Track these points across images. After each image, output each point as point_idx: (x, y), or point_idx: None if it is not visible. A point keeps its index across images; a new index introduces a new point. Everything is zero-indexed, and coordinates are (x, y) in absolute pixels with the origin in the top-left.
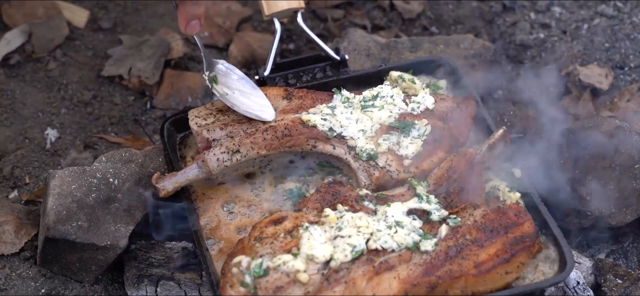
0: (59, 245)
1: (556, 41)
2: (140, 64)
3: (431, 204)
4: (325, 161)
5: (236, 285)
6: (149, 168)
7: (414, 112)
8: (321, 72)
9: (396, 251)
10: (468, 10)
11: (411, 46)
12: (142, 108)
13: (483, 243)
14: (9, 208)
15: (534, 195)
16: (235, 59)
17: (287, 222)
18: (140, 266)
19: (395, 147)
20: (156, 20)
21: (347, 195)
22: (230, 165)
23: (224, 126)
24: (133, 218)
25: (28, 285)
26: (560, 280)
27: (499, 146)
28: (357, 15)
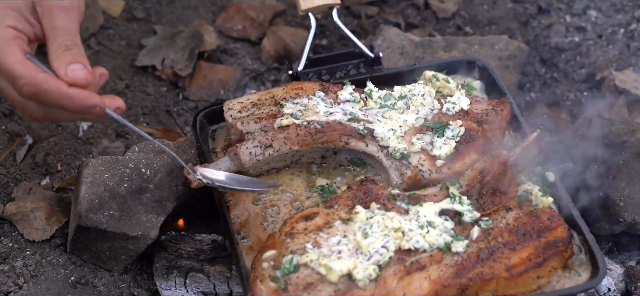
0: (90, 233)
1: (591, 45)
2: (173, 55)
3: (464, 205)
4: (357, 158)
5: (266, 280)
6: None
7: (448, 112)
8: (355, 69)
9: (427, 251)
10: (503, 11)
11: (445, 45)
12: (174, 99)
13: (515, 246)
14: (40, 195)
15: (567, 200)
16: (268, 53)
17: (318, 218)
18: (169, 258)
19: (428, 146)
20: (190, 12)
21: (379, 194)
22: (262, 159)
23: (259, 119)
24: (164, 209)
25: (58, 272)
26: (592, 286)
27: (533, 149)
28: (391, 13)
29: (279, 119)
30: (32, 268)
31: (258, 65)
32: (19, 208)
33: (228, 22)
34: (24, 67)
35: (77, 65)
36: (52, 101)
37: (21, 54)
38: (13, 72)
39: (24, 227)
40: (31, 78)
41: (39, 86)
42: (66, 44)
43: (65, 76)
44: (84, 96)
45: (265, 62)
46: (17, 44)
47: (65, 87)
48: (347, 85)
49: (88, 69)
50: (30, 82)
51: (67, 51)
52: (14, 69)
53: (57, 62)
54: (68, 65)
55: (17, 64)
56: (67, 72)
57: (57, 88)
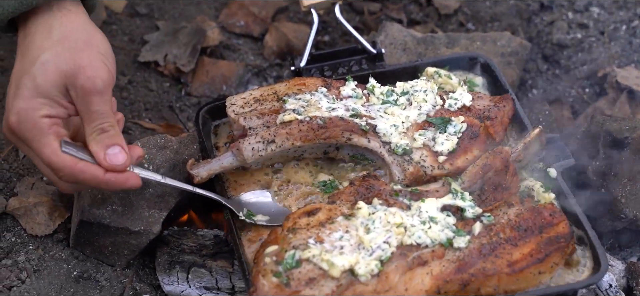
0: (93, 228)
1: (593, 42)
2: (176, 51)
3: (466, 201)
4: (358, 154)
5: (268, 275)
6: (183, 155)
7: (451, 108)
8: (357, 65)
9: (429, 247)
10: (505, 8)
11: (448, 42)
12: (177, 95)
13: (517, 242)
14: (43, 190)
15: (569, 196)
16: (270, 49)
17: (320, 214)
18: (172, 253)
19: (430, 142)
20: (193, 8)
21: (382, 189)
22: (264, 154)
23: (261, 115)
24: (167, 205)
25: (60, 266)
26: (593, 281)
27: (535, 145)
28: (394, 9)
29: (281, 115)
30: (34, 263)
31: (260, 61)
32: (21, 203)
33: (230, 18)
34: (60, 159)
35: (116, 149)
36: (90, 186)
37: (57, 146)
38: (51, 164)
39: (27, 222)
40: (69, 170)
41: (77, 177)
42: (102, 127)
43: (105, 162)
44: (122, 181)
45: (268, 58)
46: (53, 133)
47: (102, 173)
48: (350, 81)
49: (125, 150)
50: (68, 174)
51: (103, 134)
52: (51, 161)
53: (95, 145)
54: (106, 149)
55: (53, 156)
56: (107, 157)
57: (95, 177)
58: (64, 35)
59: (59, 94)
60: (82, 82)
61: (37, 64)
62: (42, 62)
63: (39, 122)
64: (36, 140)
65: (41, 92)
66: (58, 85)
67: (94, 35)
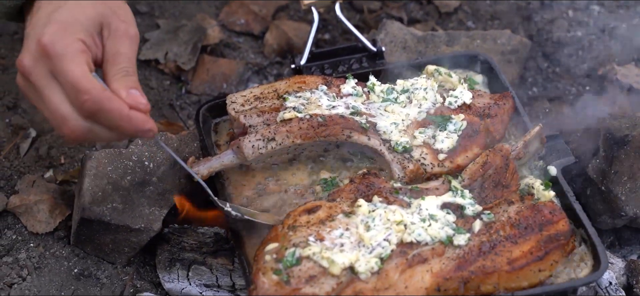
0: (94, 225)
1: (594, 40)
2: (176, 49)
3: (465, 199)
4: (358, 152)
5: (269, 273)
6: (183, 153)
7: (451, 106)
8: (357, 63)
9: (429, 244)
10: (505, 6)
11: (448, 40)
12: (177, 93)
13: (517, 239)
14: (44, 188)
15: (569, 194)
16: (270, 47)
17: (320, 212)
18: (172, 250)
19: (430, 140)
20: (193, 6)
21: (382, 187)
22: (265, 152)
23: (261, 113)
24: (167, 202)
25: (61, 264)
26: (593, 279)
27: (535, 143)
28: (394, 7)
29: (281, 113)
30: (35, 260)
31: (261, 59)
32: (22, 200)
33: (231, 16)
34: (90, 82)
35: (137, 91)
36: (110, 120)
37: (87, 69)
38: (78, 85)
39: (28, 220)
40: (96, 94)
41: (102, 103)
42: (127, 70)
43: (127, 98)
44: (142, 119)
45: (268, 56)
46: (84, 57)
47: (127, 108)
48: (350, 79)
49: (145, 97)
50: (95, 98)
51: (127, 76)
52: (80, 81)
53: (117, 84)
54: (129, 89)
55: (83, 78)
56: (129, 95)
57: (119, 108)
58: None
59: (94, 30)
60: (117, 24)
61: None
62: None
63: (75, 41)
64: (66, 56)
65: (78, 21)
66: (94, 20)
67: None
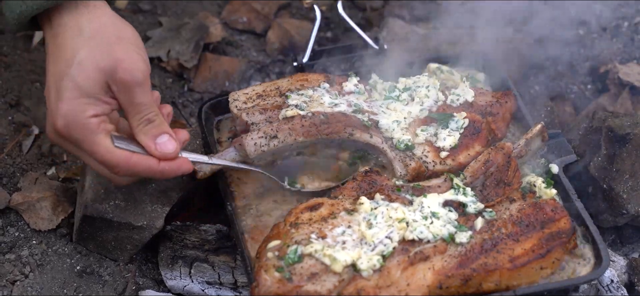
0: (96, 223)
1: (595, 38)
2: (179, 47)
3: (467, 196)
4: (361, 149)
5: (271, 270)
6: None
7: (453, 104)
8: (360, 61)
9: (431, 242)
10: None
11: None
12: (180, 90)
13: (518, 237)
14: (46, 185)
15: (571, 191)
16: (273, 45)
17: (322, 209)
18: (174, 248)
19: (432, 138)
20: (195, 4)
21: (384, 185)
22: (267, 149)
23: (264, 110)
24: (169, 200)
25: (64, 261)
26: (595, 277)
27: (536, 141)
28: (396, 5)
29: (283, 110)
30: (38, 258)
31: (263, 57)
32: (25, 198)
33: (233, 14)
34: (114, 156)
35: (164, 137)
36: (145, 176)
37: (109, 143)
38: (106, 162)
39: (30, 217)
40: (124, 164)
41: (133, 169)
42: (148, 117)
43: (156, 151)
44: (175, 168)
45: (270, 54)
46: (102, 131)
47: (156, 163)
48: (352, 77)
49: (173, 137)
50: (124, 169)
51: (150, 124)
52: (106, 160)
53: (144, 136)
54: (155, 138)
55: (107, 154)
56: (157, 147)
57: (149, 168)
58: (95, 31)
59: (101, 91)
60: (122, 76)
61: (74, 65)
62: (78, 62)
63: (88, 123)
64: (88, 141)
65: (84, 92)
66: (99, 82)
67: (124, 28)
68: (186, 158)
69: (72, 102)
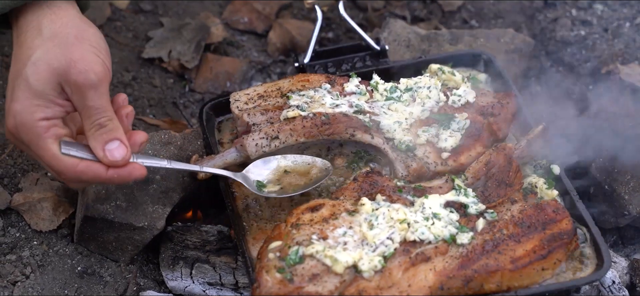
0: (97, 223)
1: (597, 39)
2: (180, 47)
3: (469, 197)
4: (362, 150)
5: (272, 271)
6: (187, 151)
7: (454, 104)
8: (361, 62)
9: (433, 243)
10: (509, 5)
11: (451, 39)
12: (181, 91)
13: (520, 238)
14: (47, 186)
15: (572, 192)
16: (274, 45)
17: (324, 210)
18: (175, 248)
19: (434, 139)
20: (197, 4)
21: (385, 185)
22: (268, 150)
23: (265, 111)
24: (170, 200)
25: (65, 262)
26: (596, 278)
27: (538, 142)
28: (397, 6)
29: (285, 111)
30: (39, 258)
31: (264, 58)
32: (26, 198)
33: (234, 15)
34: (60, 163)
35: (114, 144)
36: (95, 184)
37: (56, 149)
38: (52, 168)
39: (31, 217)
40: (70, 173)
41: (79, 177)
42: (100, 122)
43: (104, 159)
44: (125, 175)
45: (272, 54)
46: (51, 136)
47: (105, 171)
48: (353, 78)
49: (125, 143)
50: (70, 177)
51: (101, 129)
52: (51, 165)
53: (93, 141)
54: (105, 144)
55: (53, 160)
56: (106, 153)
57: (97, 175)
58: (54, 32)
59: (54, 93)
60: (75, 77)
61: (28, 64)
62: (33, 62)
63: (36, 126)
64: (35, 144)
65: (35, 93)
66: (51, 83)
67: (86, 29)
68: (138, 164)
69: (23, 103)
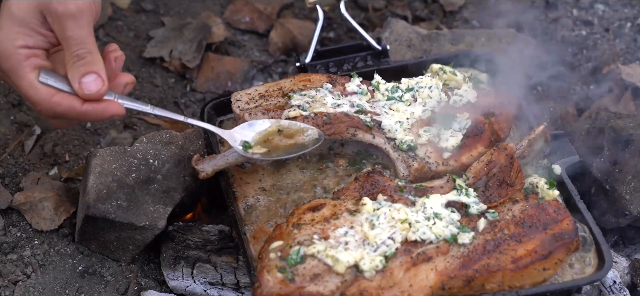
0: (98, 223)
1: (598, 39)
2: (181, 47)
3: (470, 197)
4: (363, 150)
5: (273, 271)
6: (188, 151)
7: (455, 104)
8: (362, 62)
9: (434, 243)
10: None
11: (452, 39)
12: (182, 90)
13: (521, 238)
14: (49, 185)
15: (573, 192)
16: (275, 45)
17: (325, 210)
18: (177, 248)
19: (435, 139)
20: (198, 4)
21: (386, 185)
22: None
23: (266, 111)
24: (172, 200)
25: (66, 261)
26: (598, 278)
27: (539, 142)
28: (399, 6)
29: (286, 111)
30: (40, 258)
31: (265, 57)
32: (27, 198)
33: (236, 14)
34: (36, 92)
35: (90, 77)
36: (70, 119)
37: (33, 77)
38: (27, 97)
39: (32, 217)
40: (45, 103)
41: (54, 110)
42: (78, 53)
43: (80, 91)
44: (99, 112)
45: (273, 54)
46: (29, 65)
47: (80, 104)
48: (355, 78)
49: (102, 77)
50: (45, 107)
51: (79, 61)
52: (27, 94)
53: (70, 73)
54: (81, 77)
55: (29, 89)
56: (81, 86)
57: (71, 108)
58: None
59: (36, 22)
60: (56, 6)
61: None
62: None
63: (15, 53)
64: (13, 72)
65: (17, 21)
66: (33, 12)
67: None
68: (115, 101)
69: (4, 31)
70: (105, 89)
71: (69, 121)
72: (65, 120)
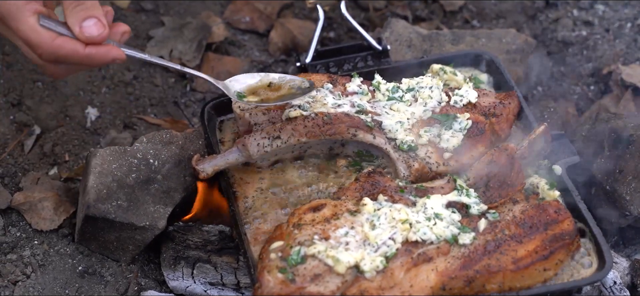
0: (98, 223)
1: (598, 39)
2: (181, 47)
3: (471, 198)
4: (364, 150)
5: (274, 271)
6: (188, 151)
7: (456, 105)
8: (362, 62)
9: (435, 243)
10: (510, 5)
11: (453, 39)
12: (182, 90)
13: (522, 239)
14: (48, 185)
15: (574, 193)
16: (275, 45)
17: (325, 210)
18: (177, 248)
19: (435, 139)
20: (198, 4)
21: (387, 186)
22: (270, 150)
23: (267, 111)
24: (172, 200)
25: (65, 261)
26: (598, 278)
27: (540, 142)
28: (399, 5)
29: (287, 111)
30: (40, 258)
31: (266, 57)
32: (27, 198)
33: (236, 14)
34: (38, 35)
35: (91, 21)
36: (71, 63)
37: (34, 21)
38: (28, 41)
39: (32, 217)
40: (47, 46)
41: (56, 53)
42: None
43: (81, 35)
44: (102, 54)
45: (273, 54)
46: (30, 9)
47: (82, 48)
48: (355, 78)
49: (102, 22)
50: (47, 50)
51: (78, 7)
52: (28, 38)
53: (71, 18)
54: (82, 22)
55: (31, 32)
56: (82, 30)
57: (74, 51)
58: None
59: None
60: None
61: None
62: None
63: None
64: (12, 16)
65: None
66: None
67: None
68: (116, 46)
69: None
70: (107, 33)
71: (68, 68)
72: (64, 67)
